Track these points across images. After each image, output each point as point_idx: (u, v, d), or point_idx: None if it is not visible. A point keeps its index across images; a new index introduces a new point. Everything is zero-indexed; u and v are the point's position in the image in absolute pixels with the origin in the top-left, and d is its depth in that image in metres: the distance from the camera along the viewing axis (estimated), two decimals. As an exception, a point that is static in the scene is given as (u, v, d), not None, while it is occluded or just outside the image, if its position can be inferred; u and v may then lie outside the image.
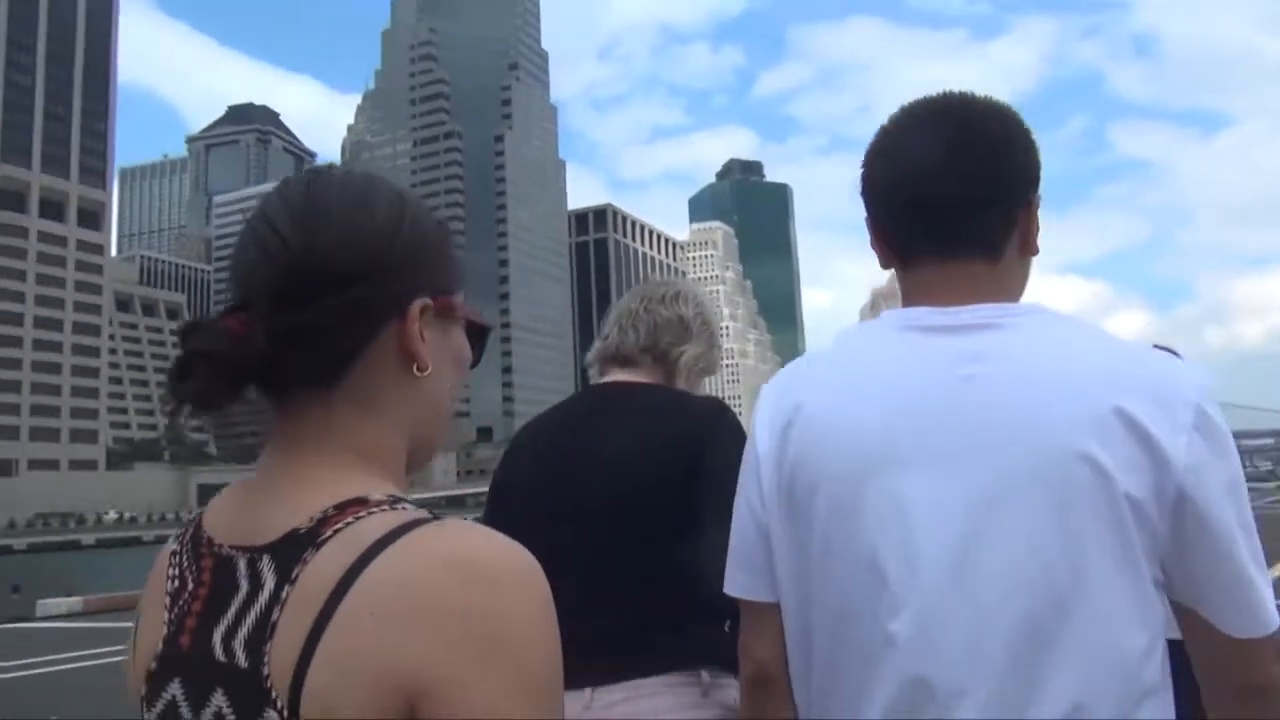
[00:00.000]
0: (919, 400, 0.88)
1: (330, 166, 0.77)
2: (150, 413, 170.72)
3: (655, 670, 1.41)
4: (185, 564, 0.70)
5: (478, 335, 0.81)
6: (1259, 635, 0.85)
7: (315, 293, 0.68)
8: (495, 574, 0.63)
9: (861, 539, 0.87)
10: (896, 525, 0.86)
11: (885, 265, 1.01)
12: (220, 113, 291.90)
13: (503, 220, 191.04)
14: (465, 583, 0.61)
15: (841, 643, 0.90)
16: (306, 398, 0.71)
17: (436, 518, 0.65)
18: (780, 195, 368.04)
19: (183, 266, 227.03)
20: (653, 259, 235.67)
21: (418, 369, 0.72)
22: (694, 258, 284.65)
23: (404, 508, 0.66)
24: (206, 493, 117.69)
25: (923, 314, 0.93)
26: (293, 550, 0.64)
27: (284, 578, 0.63)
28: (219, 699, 0.63)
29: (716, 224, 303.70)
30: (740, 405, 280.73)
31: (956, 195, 0.94)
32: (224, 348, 0.66)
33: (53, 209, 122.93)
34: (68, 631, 12.92)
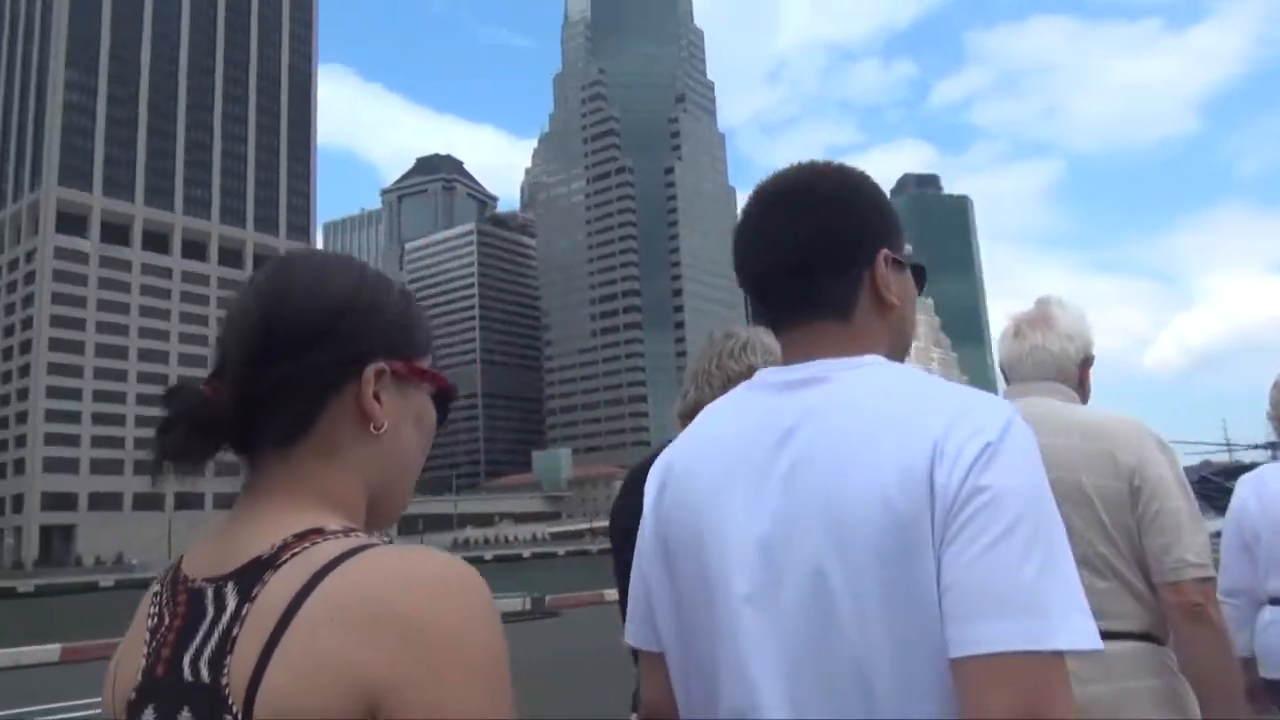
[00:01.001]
0: (749, 449, 0.94)
1: (307, 251, 0.89)
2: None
3: None
4: (164, 602, 0.75)
5: (445, 399, 0.89)
6: (962, 654, 0.81)
7: (275, 359, 0.77)
8: (443, 585, 0.68)
9: (701, 582, 0.94)
10: (718, 568, 0.92)
11: (764, 326, 1.09)
12: (410, 165, 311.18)
13: (675, 250, 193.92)
14: (415, 593, 0.67)
15: (692, 688, 0.97)
16: (273, 451, 0.78)
17: (389, 543, 0.72)
18: (960, 207, 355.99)
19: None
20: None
21: (374, 427, 0.79)
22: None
23: (359, 536, 0.73)
24: (405, 522, 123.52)
25: (768, 373, 1.01)
26: (254, 573, 0.70)
27: (244, 598, 0.69)
28: (185, 715, 0.68)
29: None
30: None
31: (794, 265, 0.98)
32: (197, 408, 0.76)
33: (264, 263, 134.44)
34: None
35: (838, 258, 0.99)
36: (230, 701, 0.66)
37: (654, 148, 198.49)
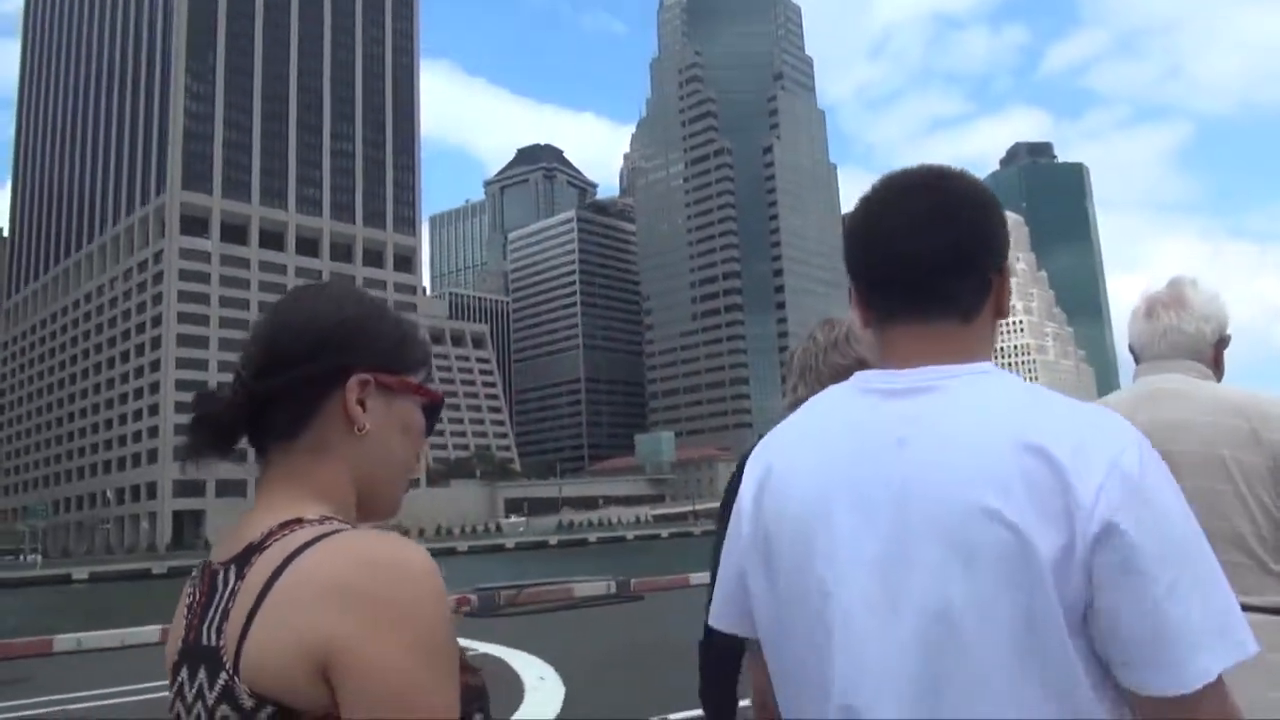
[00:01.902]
0: (857, 459, 0.94)
1: (317, 284, 1.05)
2: (462, 434, 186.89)
3: None
4: (197, 583, 0.93)
5: (433, 409, 1.04)
6: (1180, 692, 0.83)
7: (275, 370, 0.94)
8: (394, 566, 0.81)
9: (808, 587, 0.95)
10: (827, 574, 0.93)
11: (865, 325, 1.06)
12: (511, 156, 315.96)
13: (775, 230, 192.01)
14: (368, 571, 0.81)
15: (797, 683, 0.99)
16: (277, 448, 0.95)
17: (356, 529, 0.87)
18: (1075, 176, 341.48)
19: (485, 299, 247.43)
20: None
21: (357, 429, 0.95)
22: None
23: (331, 523, 0.88)
24: (512, 505, 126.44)
25: (873, 376, 1.00)
26: (247, 556, 0.86)
27: (239, 576, 0.86)
28: (201, 672, 0.85)
29: (1004, 213, 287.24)
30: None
31: (936, 261, 0.98)
32: (219, 409, 0.94)
33: (373, 257, 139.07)
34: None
35: (980, 263, 1.00)
36: (225, 661, 0.82)
37: (752, 128, 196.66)
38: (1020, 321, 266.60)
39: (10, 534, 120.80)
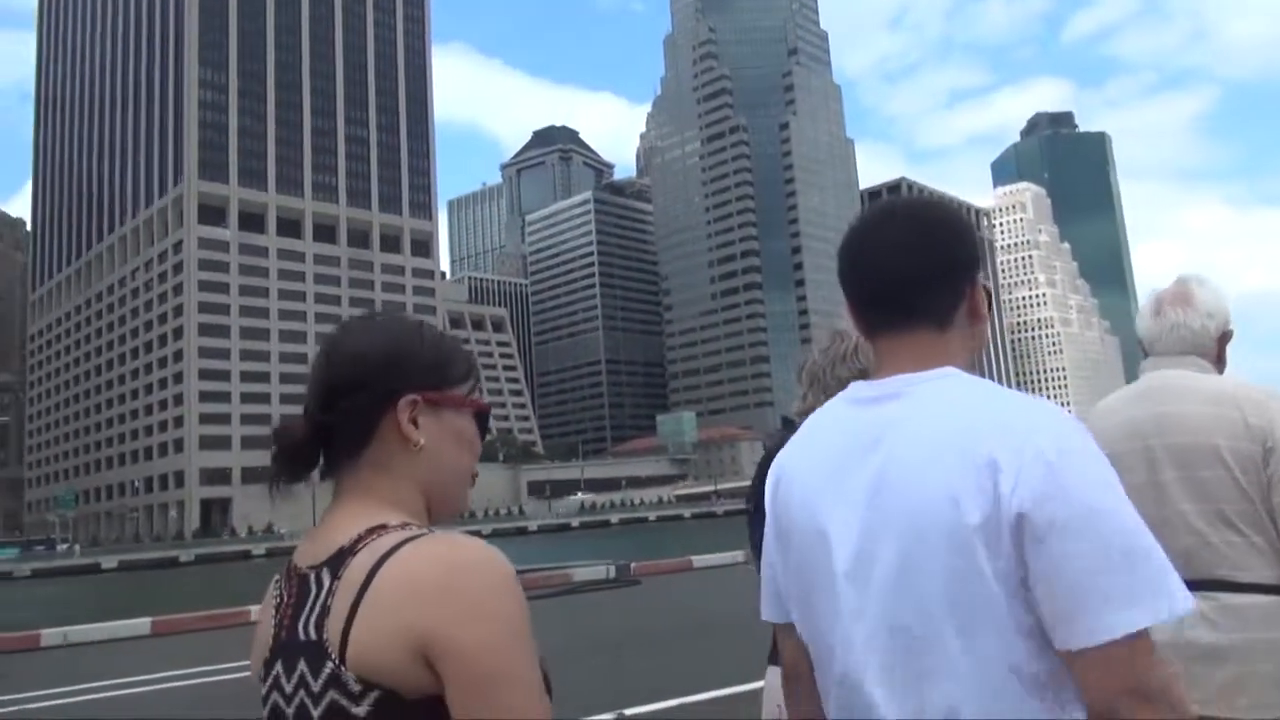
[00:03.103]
0: (844, 459, 1.14)
1: (363, 316, 1.18)
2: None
3: None
4: (284, 586, 1.08)
5: (482, 418, 1.18)
6: (1088, 644, 0.97)
7: (335, 400, 1.09)
8: (476, 564, 0.97)
9: (816, 574, 1.16)
10: (824, 557, 1.14)
11: (864, 336, 1.25)
12: (528, 138, 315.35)
13: (793, 207, 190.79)
14: (448, 569, 0.96)
15: (818, 655, 1.19)
16: (345, 469, 1.10)
17: (434, 533, 1.02)
18: (1097, 145, 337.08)
19: (504, 283, 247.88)
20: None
21: (413, 445, 1.09)
22: (1001, 224, 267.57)
23: (410, 528, 1.02)
24: (534, 488, 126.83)
25: (860, 388, 1.20)
26: (340, 559, 1.00)
27: (334, 576, 1.00)
28: (302, 665, 0.99)
29: (1025, 185, 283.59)
30: (1065, 377, 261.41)
31: (911, 277, 1.17)
32: (292, 442, 1.09)
33: (390, 242, 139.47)
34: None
35: (951, 275, 1.18)
36: (330, 652, 0.96)
37: (768, 104, 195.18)
38: (1043, 294, 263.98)
39: (41, 524, 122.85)
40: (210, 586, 39.23)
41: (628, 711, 6.35)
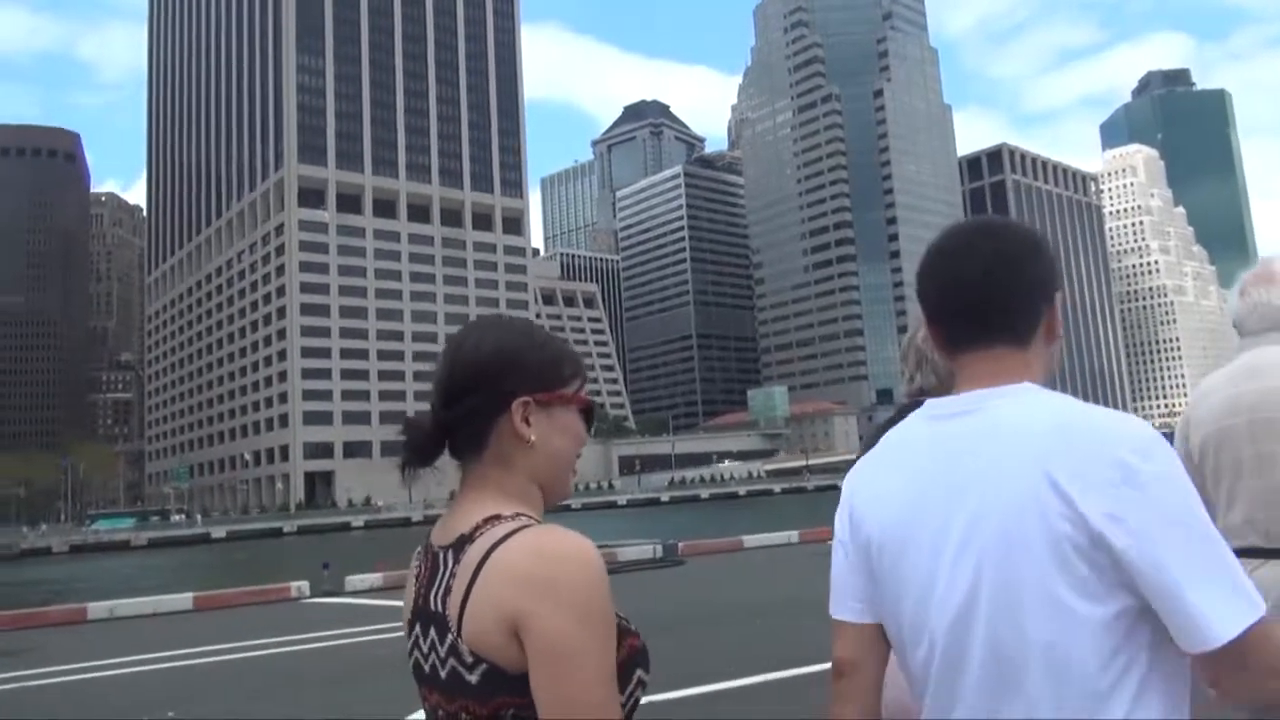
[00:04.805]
0: (925, 474, 1.20)
1: (480, 321, 1.30)
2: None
3: None
4: (422, 558, 1.24)
5: (588, 413, 1.30)
6: (1205, 649, 1.03)
7: (454, 401, 1.22)
8: (562, 554, 1.09)
9: (898, 581, 1.21)
10: (911, 569, 1.19)
11: (943, 355, 1.32)
12: (619, 113, 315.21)
13: (888, 177, 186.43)
14: (544, 560, 1.09)
15: (908, 659, 1.23)
16: (469, 460, 1.24)
17: (541, 524, 1.16)
18: (1216, 103, 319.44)
19: (595, 259, 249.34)
20: (1059, 196, 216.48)
21: (526, 443, 1.21)
22: (1110, 188, 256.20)
23: (523, 519, 1.16)
24: (625, 463, 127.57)
25: (937, 404, 1.25)
26: (461, 544, 1.15)
27: (456, 560, 1.15)
28: (432, 631, 1.15)
29: (1135, 147, 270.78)
30: (1179, 348, 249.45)
31: (991, 296, 1.22)
32: (419, 435, 1.23)
33: (482, 221, 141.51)
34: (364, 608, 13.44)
35: (1031, 295, 1.24)
36: (450, 624, 1.12)
37: (861, 71, 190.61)
38: (1155, 261, 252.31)
39: (159, 496, 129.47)
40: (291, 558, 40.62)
41: (659, 697, 6.22)
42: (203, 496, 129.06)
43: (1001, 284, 1.22)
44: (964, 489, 1.15)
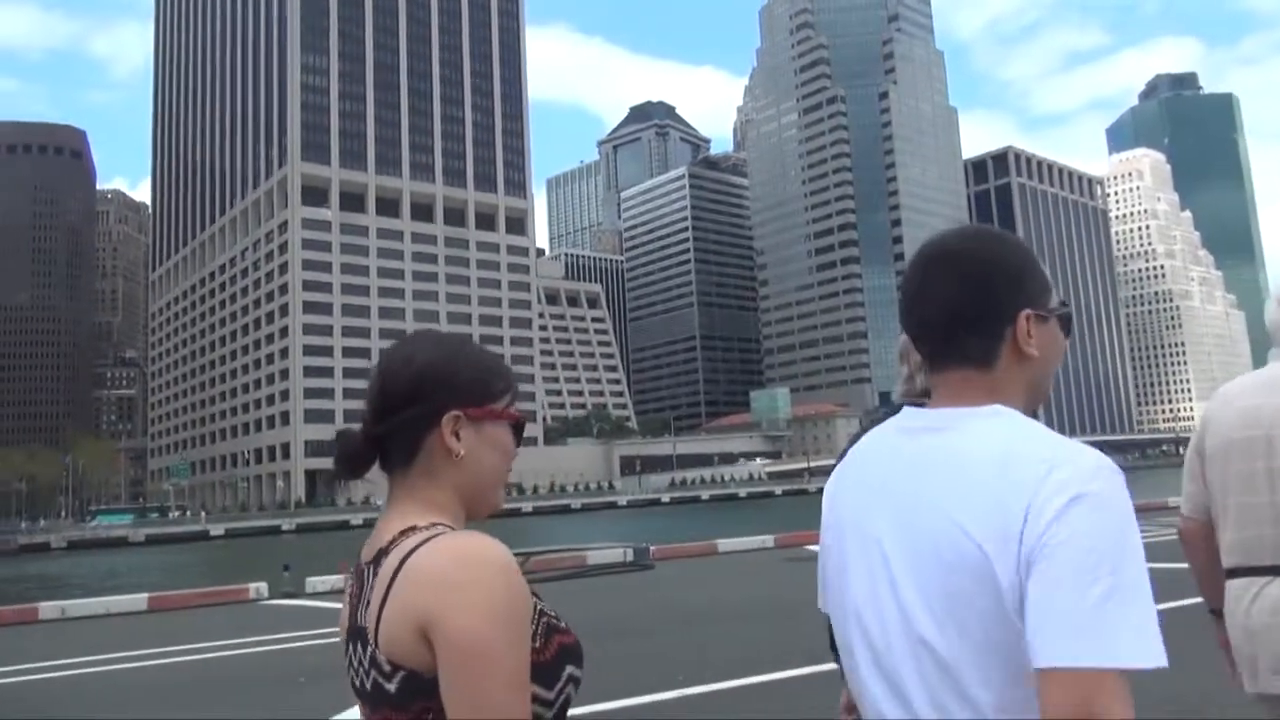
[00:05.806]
0: (884, 484, 1.23)
1: (413, 334, 1.32)
2: (579, 393, 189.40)
3: None
4: (352, 578, 1.25)
5: (518, 428, 1.32)
6: (1040, 667, 1.01)
7: (385, 415, 1.23)
8: (471, 557, 1.10)
9: (840, 590, 1.27)
10: (851, 579, 1.23)
11: (925, 366, 1.33)
12: (625, 114, 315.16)
13: (893, 180, 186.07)
14: (454, 563, 1.10)
15: (849, 655, 1.26)
16: (397, 473, 1.25)
17: (454, 532, 1.18)
18: (1223, 108, 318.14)
19: (600, 259, 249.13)
20: (1065, 200, 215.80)
21: (455, 456, 1.22)
22: (1117, 192, 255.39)
23: (439, 528, 1.18)
24: (626, 463, 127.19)
25: (909, 416, 1.27)
26: (379, 557, 1.17)
27: (374, 573, 1.17)
28: (358, 647, 1.16)
29: (1142, 151, 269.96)
30: (1184, 353, 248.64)
31: (946, 320, 1.22)
32: (350, 448, 1.25)
33: (486, 220, 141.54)
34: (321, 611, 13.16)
35: (989, 317, 1.21)
36: (369, 636, 1.14)
37: (867, 73, 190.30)
38: (1160, 266, 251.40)
39: (160, 492, 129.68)
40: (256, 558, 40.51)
41: (624, 702, 6.16)
42: (203, 493, 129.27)
43: (952, 309, 1.22)
44: (913, 506, 1.17)
